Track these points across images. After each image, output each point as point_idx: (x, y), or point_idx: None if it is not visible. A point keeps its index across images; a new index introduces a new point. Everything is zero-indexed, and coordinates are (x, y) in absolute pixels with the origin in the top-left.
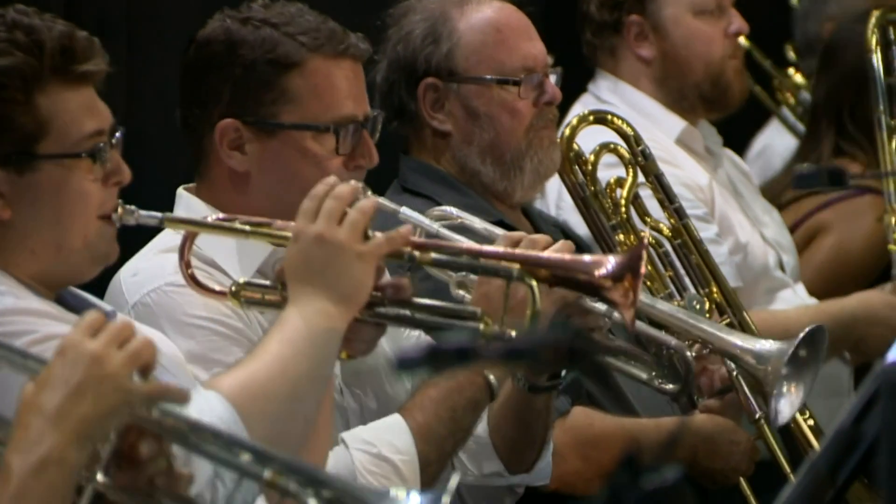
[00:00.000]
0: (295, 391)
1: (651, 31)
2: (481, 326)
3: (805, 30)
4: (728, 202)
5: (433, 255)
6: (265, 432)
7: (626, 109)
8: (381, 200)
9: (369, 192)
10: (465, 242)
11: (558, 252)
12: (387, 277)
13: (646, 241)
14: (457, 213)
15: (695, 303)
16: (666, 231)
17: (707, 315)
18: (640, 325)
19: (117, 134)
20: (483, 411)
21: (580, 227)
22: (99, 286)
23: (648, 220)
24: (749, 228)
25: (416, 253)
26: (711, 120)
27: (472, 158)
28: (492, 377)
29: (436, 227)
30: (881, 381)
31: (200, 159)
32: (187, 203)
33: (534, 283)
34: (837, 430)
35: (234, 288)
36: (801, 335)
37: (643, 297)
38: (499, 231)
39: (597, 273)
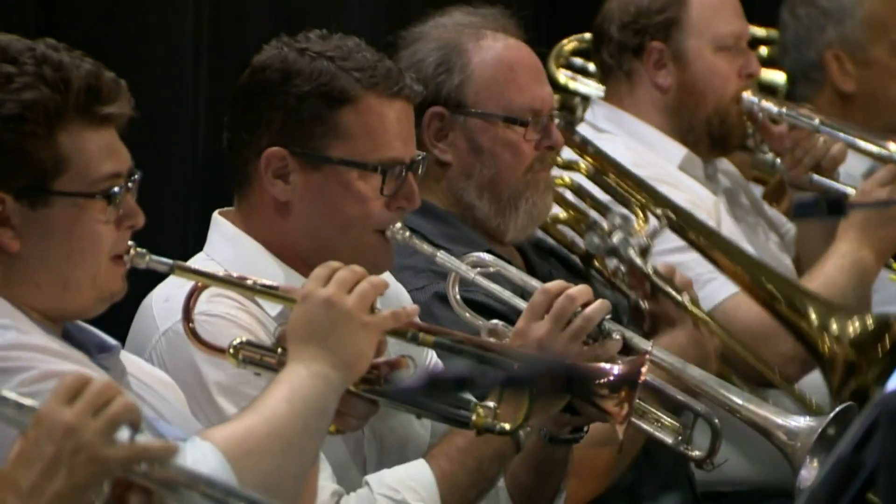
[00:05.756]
0: (288, 450)
1: (671, 59)
2: (473, 417)
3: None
4: (731, 225)
5: (435, 338)
6: (256, 487)
7: (625, 137)
8: (419, 242)
9: (408, 233)
10: (469, 335)
11: (597, 312)
12: (387, 356)
13: (647, 357)
14: (492, 260)
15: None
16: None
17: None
18: (669, 389)
19: (135, 177)
20: (508, 463)
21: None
22: (101, 320)
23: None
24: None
25: (420, 334)
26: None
27: (469, 192)
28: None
29: (472, 274)
30: (881, 408)
31: (242, 184)
32: (223, 230)
33: None
34: (837, 458)
35: (232, 347)
36: (832, 414)
37: (674, 360)
38: (535, 283)
39: (595, 382)
